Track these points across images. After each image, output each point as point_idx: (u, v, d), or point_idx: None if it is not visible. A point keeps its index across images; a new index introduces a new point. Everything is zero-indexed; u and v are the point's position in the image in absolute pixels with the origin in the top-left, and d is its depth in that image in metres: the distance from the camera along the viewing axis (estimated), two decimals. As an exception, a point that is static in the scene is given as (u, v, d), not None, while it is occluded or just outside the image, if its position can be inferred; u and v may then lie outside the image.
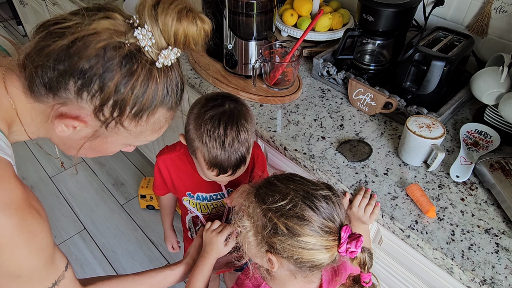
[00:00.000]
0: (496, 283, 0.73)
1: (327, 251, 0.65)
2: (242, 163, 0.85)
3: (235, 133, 0.81)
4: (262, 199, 0.68)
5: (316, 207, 0.65)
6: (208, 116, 0.82)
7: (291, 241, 0.64)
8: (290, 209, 0.65)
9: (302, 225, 0.64)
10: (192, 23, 0.56)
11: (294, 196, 0.66)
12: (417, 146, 0.92)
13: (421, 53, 1.04)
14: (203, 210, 1.08)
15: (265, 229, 0.66)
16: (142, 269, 1.85)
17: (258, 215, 0.68)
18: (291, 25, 1.37)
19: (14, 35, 3.46)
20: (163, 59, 0.57)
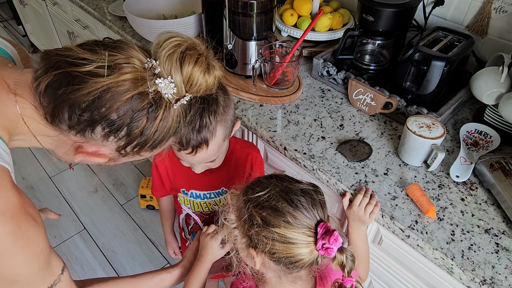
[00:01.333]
0: (496, 283, 0.73)
1: (303, 246, 0.64)
2: (203, 144, 0.81)
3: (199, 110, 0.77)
4: (245, 192, 0.70)
5: (291, 200, 0.66)
6: None
7: (265, 232, 0.65)
8: (266, 200, 0.66)
9: (276, 216, 0.64)
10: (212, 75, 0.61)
11: (272, 188, 0.68)
12: (417, 146, 0.92)
13: (421, 53, 1.04)
14: (196, 208, 1.08)
15: (244, 221, 0.68)
16: (142, 269, 1.86)
17: (240, 206, 0.70)
18: (291, 25, 1.37)
19: (14, 35, 3.46)
20: (181, 102, 0.61)
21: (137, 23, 1.35)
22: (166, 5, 1.55)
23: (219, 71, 0.62)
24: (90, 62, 0.54)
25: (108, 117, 0.55)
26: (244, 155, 1.00)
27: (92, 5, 1.73)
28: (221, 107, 0.82)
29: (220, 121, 0.82)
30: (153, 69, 0.58)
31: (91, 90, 0.54)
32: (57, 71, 0.55)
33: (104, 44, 0.58)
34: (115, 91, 0.55)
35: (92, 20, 1.81)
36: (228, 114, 0.85)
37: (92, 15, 1.72)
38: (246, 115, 1.12)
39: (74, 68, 0.54)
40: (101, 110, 0.55)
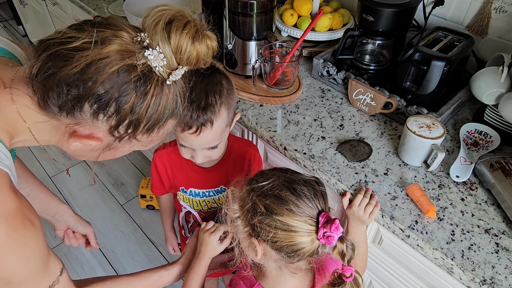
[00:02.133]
0: (496, 283, 0.73)
1: (305, 234, 0.66)
2: (208, 122, 0.81)
3: (204, 88, 0.80)
4: (249, 182, 0.72)
5: (294, 189, 0.67)
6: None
7: (268, 220, 0.66)
8: (269, 189, 0.68)
9: (279, 204, 0.66)
10: (203, 44, 0.58)
11: (275, 179, 0.69)
12: (417, 146, 0.92)
13: (421, 53, 1.04)
14: (195, 207, 1.09)
15: (248, 210, 0.69)
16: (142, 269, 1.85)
17: (244, 196, 0.71)
18: (291, 25, 1.37)
19: (14, 35, 3.46)
20: (174, 77, 0.58)
21: (137, 23, 1.35)
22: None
23: (213, 42, 0.59)
24: (77, 39, 0.53)
25: (94, 91, 0.53)
26: (243, 153, 1.01)
27: (92, 5, 1.73)
28: (225, 89, 0.84)
29: (225, 102, 0.83)
30: (141, 42, 0.56)
31: (75, 64, 0.52)
32: (47, 53, 0.54)
33: (93, 22, 0.57)
34: (100, 63, 0.53)
35: (92, 20, 1.81)
36: (232, 99, 0.87)
37: (92, 15, 1.72)
38: (246, 115, 1.12)
39: (62, 47, 0.53)
40: (87, 84, 0.53)
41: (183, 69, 0.59)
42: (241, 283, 0.80)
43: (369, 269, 1.06)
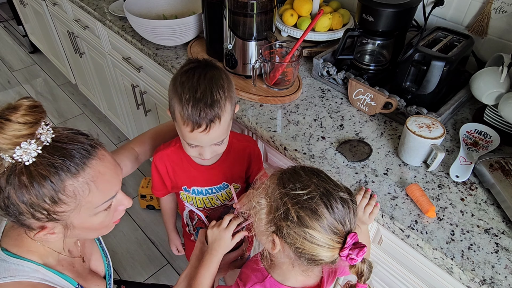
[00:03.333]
0: (496, 283, 0.74)
1: (328, 250, 0.66)
2: (216, 118, 0.82)
3: (208, 84, 0.81)
4: (283, 183, 0.70)
5: (331, 206, 0.66)
6: (183, 70, 0.84)
7: (297, 230, 0.66)
8: (306, 200, 0.67)
9: (313, 218, 0.65)
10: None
11: (314, 189, 0.68)
12: (417, 146, 0.92)
13: (421, 53, 1.04)
14: (199, 204, 1.09)
15: (277, 211, 0.68)
16: (142, 269, 1.86)
17: (276, 196, 0.70)
18: (291, 25, 1.37)
19: (14, 35, 3.46)
20: (27, 157, 0.62)
21: (137, 23, 1.36)
22: (166, 5, 1.55)
23: (10, 130, 0.61)
24: None
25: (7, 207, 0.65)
26: (242, 148, 1.01)
27: (92, 5, 1.73)
28: (226, 83, 0.85)
29: (228, 96, 0.84)
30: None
31: None
32: None
33: None
34: None
35: (92, 20, 1.81)
36: (233, 91, 0.88)
37: (92, 15, 1.72)
38: (246, 115, 1.12)
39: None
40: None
41: (24, 146, 0.62)
42: (252, 276, 0.81)
43: (369, 269, 1.06)
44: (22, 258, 0.72)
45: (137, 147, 1.09)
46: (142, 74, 1.66)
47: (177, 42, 1.40)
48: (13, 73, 3.16)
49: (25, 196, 0.63)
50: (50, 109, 2.80)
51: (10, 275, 0.70)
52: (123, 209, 0.79)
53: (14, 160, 0.62)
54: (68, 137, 0.68)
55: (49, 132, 0.65)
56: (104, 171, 0.70)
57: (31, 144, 0.62)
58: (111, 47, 1.81)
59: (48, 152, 0.64)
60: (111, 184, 0.72)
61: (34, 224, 0.67)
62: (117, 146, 2.49)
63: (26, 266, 0.72)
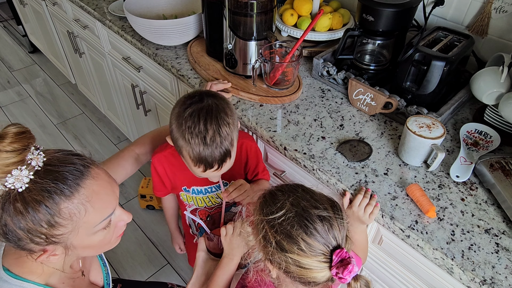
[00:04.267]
0: (496, 283, 0.73)
1: (318, 271, 0.63)
2: (227, 156, 0.84)
3: (215, 127, 0.81)
4: (262, 208, 0.69)
5: (307, 226, 0.64)
6: (187, 113, 0.83)
7: (279, 255, 0.65)
8: (280, 224, 0.65)
9: (290, 242, 0.63)
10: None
11: (288, 210, 0.65)
12: (417, 146, 0.92)
13: (421, 53, 1.04)
14: (200, 204, 1.09)
15: (259, 238, 0.68)
16: (142, 269, 1.86)
17: (257, 222, 0.69)
18: (291, 25, 1.37)
19: (14, 35, 3.46)
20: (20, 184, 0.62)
21: (137, 23, 1.35)
22: (166, 5, 1.55)
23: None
24: None
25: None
26: (239, 145, 1.02)
27: (92, 5, 1.73)
28: (228, 111, 0.85)
29: (233, 126, 0.85)
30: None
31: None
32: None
33: None
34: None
35: (92, 20, 1.81)
36: (235, 118, 0.88)
37: (92, 15, 1.72)
38: (246, 115, 1.12)
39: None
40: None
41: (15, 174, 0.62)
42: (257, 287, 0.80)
43: (369, 269, 1.06)
44: (24, 279, 0.72)
45: (137, 148, 1.09)
46: (142, 74, 1.66)
47: (177, 42, 1.40)
48: (12, 73, 3.16)
49: (22, 222, 0.63)
50: (50, 109, 2.80)
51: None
52: (123, 224, 0.78)
53: (7, 188, 0.62)
54: (60, 159, 0.67)
55: (40, 156, 0.65)
56: (98, 190, 0.69)
57: (22, 171, 0.62)
58: (111, 47, 1.81)
59: (40, 177, 0.64)
60: (107, 202, 0.72)
61: (35, 248, 0.68)
62: (117, 146, 2.49)
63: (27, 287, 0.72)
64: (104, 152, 2.43)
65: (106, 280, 0.99)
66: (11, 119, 2.70)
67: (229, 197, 0.94)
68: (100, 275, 0.98)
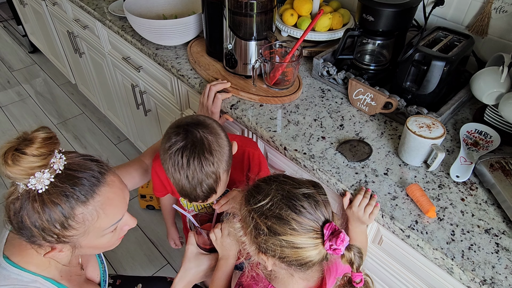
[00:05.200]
0: (496, 283, 0.73)
1: (312, 249, 0.65)
2: (212, 193, 0.85)
3: (198, 167, 0.80)
4: (248, 200, 0.70)
5: (295, 206, 0.66)
6: (171, 151, 0.82)
7: (273, 240, 0.66)
8: (269, 209, 0.66)
9: (281, 224, 0.65)
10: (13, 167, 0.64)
11: (274, 195, 0.67)
12: (417, 146, 0.92)
13: (421, 53, 1.04)
14: (201, 210, 1.10)
15: (250, 229, 0.69)
16: (142, 269, 1.86)
17: (245, 216, 0.70)
18: (291, 25, 1.37)
19: (14, 35, 3.46)
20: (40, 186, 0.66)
21: (137, 23, 1.35)
22: (166, 5, 1.55)
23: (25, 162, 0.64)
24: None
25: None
26: (241, 153, 1.01)
27: (92, 5, 1.73)
28: (215, 144, 0.83)
29: (220, 161, 0.83)
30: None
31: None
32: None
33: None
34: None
35: (92, 20, 1.81)
36: (224, 153, 0.85)
37: (92, 15, 1.72)
38: (246, 115, 1.12)
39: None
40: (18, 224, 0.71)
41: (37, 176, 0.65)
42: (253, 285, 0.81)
43: (369, 269, 1.06)
44: (22, 268, 0.75)
45: (147, 159, 1.11)
46: (142, 74, 1.66)
47: (177, 42, 1.40)
48: (12, 73, 3.16)
49: (38, 221, 0.67)
50: (50, 109, 2.80)
51: (9, 284, 0.73)
52: (127, 228, 0.82)
53: (28, 188, 0.66)
54: (80, 164, 0.71)
55: (62, 159, 0.68)
56: (112, 197, 0.73)
57: (44, 174, 0.66)
58: (111, 47, 1.81)
59: (61, 181, 0.67)
60: (118, 208, 0.75)
61: (44, 245, 0.71)
62: (117, 146, 2.49)
63: (25, 276, 0.75)
64: (104, 152, 2.43)
65: (102, 276, 1.00)
66: (11, 119, 2.70)
67: (220, 209, 0.94)
68: (97, 272, 0.99)
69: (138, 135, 2.17)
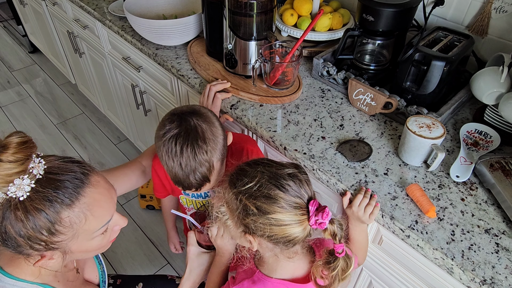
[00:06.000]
0: (496, 283, 0.73)
1: (298, 225, 0.69)
2: (205, 181, 0.85)
3: (191, 154, 0.81)
4: (233, 184, 0.72)
5: (282, 185, 0.69)
6: (165, 138, 0.83)
7: (262, 220, 0.68)
8: (257, 190, 0.69)
9: (270, 203, 0.68)
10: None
11: (261, 177, 0.70)
12: (417, 146, 0.92)
13: (421, 53, 1.04)
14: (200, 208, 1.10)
15: (237, 211, 0.71)
16: (142, 269, 1.86)
17: (231, 198, 0.72)
18: (291, 25, 1.37)
19: (14, 35, 3.46)
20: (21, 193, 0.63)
21: (137, 23, 1.35)
22: (166, 5, 1.55)
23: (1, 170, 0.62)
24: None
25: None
26: (240, 150, 1.02)
27: (92, 5, 1.73)
28: (209, 134, 0.84)
29: (214, 150, 0.84)
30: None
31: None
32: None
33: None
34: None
35: (92, 20, 1.81)
36: (218, 142, 0.86)
37: (92, 15, 1.72)
38: (246, 115, 1.12)
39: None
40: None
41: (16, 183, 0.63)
42: (241, 273, 0.84)
43: (369, 269, 1.06)
44: (17, 278, 0.73)
45: (144, 160, 1.10)
46: (142, 74, 1.66)
47: (177, 42, 1.40)
48: (12, 73, 3.16)
49: (22, 230, 0.64)
50: (50, 109, 2.80)
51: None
52: (118, 228, 0.79)
53: (8, 196, 0.63)
54: (60, 167, 0.68)
55: (41, 164, 0.65)
56: (99, 197, 0.70)
57: (24, 180, 0.63)
58: (111, 47, 1.81)
59: (42, 186, 0.64)
60: (106, 209, 0.73)
61: (33, 254, 0.69)
62: (117, 146, 2.49)
63: (20, 286, 0.73)
64: (104, 152, 2.43)
65: (101, 277, 1.00)
66: (11, 119, 2.70)
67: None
68: (95, 273, 0.99)
69: (138, 135, 2.17)
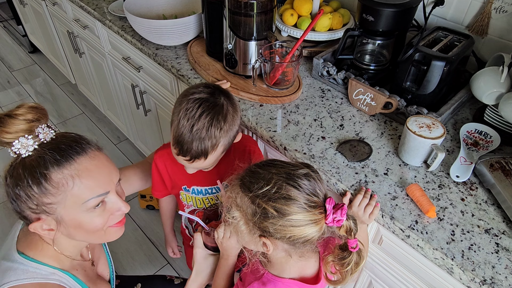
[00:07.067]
0: (496, 283, 0.73)
1: (315, 224, 0.68)
2: (202, 155, 0.84)
3: (207, 123, 0.81)
4: (248, 188, 0.71)
5: (299, 185, 0.69)
6: (193, 97, 0.83)
7: (282, 222, 0.68)
8: (276, 192, 0.68)
9: (290, 204, 0.67)
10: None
11: (277, 179, 0.69)
12: (417, 146, 0.92)
13: (421, 53, 1.04)
14: (199, 205, 1.09)
15: (255, 216, 0.70)
16: (142, 269, 1.86)
17: (247, 203, 0.71)
18: (291, 25, 1.37)
19: (14, 35, 3.46)
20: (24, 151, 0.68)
21: (137, 23, 1.35)
22: (166, 5, 1.55)
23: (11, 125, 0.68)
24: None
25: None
26: (242, 148, 1.02)
27: (92, 5, 1.73)
28: (229, 118, 0.85)
29: (224, 136, 0.84)
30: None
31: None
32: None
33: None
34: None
35: (91, 20, 1.81)
36: (232, 130, 0.87)
37: (92, 15, 1.72)
38: (246, 115, 1.12)
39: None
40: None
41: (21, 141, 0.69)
42: (250, 275, 0.83)
43: (369, 269, 1.06)
44: (39, 262, 0.76)
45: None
46: (142, 74, 1.66)
47: (177, 42, 1.40)
48: (12, 73, 3.16)
49: (20, 186, 0.68)
50: (50, 109, 2.80)
51: (29, 277, 0.73)
52: (120, 214, 0.79)
53: (15, 154, 0.68)
54: (66, 136, 0.73)
55: (51, 133, 0.71)
56: (92, 168, 0.72)
57: (28, 139, 0.68)
58: (111, 47, 1.81)
59: (42, 148, 0.69)
60: (99, 182, 0.73)
61: (30, 216, 0.72)
62: (117, 146, 2.49)
63: (43, 269, 0.75)
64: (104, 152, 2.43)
65: (112, 274, 1.01)
66: (11, 119, 2.70)
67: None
68: (107, 270, 1.01)
69: (138, 135, 2.17)
